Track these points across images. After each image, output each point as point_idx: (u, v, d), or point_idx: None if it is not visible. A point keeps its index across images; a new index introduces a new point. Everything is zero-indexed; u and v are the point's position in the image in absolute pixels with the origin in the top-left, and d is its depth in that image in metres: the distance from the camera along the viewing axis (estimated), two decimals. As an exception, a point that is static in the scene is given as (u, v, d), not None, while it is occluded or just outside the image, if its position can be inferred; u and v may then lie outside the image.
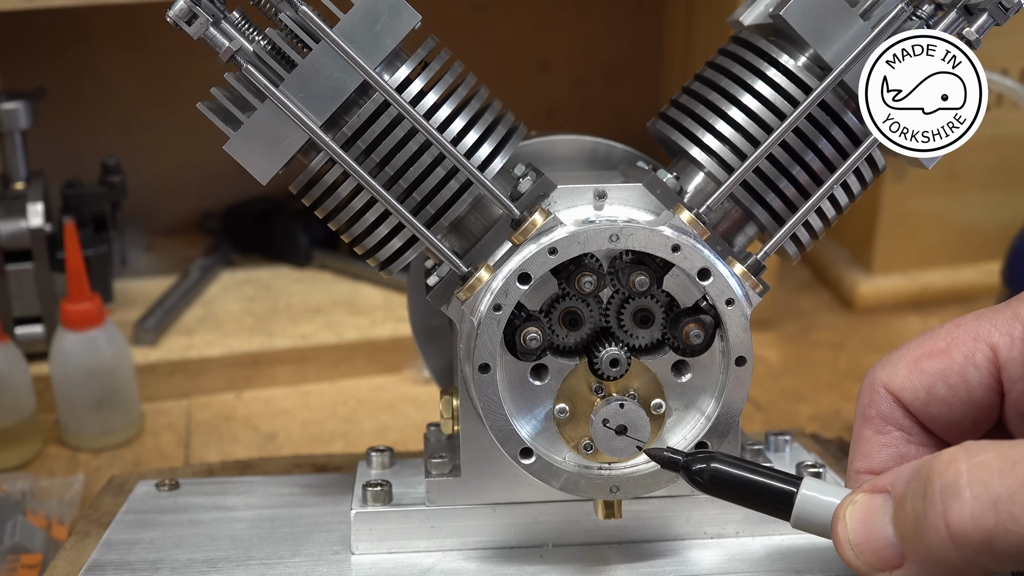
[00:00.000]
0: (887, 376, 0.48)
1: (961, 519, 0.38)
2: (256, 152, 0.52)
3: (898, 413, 0.47)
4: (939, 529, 0.38)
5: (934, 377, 0.46)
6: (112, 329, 0.88)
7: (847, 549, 0.42)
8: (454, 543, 0.58)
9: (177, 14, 0.49)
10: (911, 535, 0.40)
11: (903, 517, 0.40)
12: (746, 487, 0.47)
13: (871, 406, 0.48)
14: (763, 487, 0.46)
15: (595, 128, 0.65)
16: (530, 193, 0.54)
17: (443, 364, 0.66)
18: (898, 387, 0.47)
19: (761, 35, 0.55)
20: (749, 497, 0.47)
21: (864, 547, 0.41)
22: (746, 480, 0.47)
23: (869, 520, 0.42)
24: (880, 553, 0.41)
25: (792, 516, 0.46)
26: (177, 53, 1.19)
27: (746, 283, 0.53)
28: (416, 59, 0.53)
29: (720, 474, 0.47)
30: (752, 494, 0.47)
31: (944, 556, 0.38)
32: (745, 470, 0.47)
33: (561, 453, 0.54)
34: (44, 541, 0.70)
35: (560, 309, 0.54)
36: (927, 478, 0.39)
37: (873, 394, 0.48)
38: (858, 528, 0.42)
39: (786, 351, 1.05)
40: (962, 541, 0.38)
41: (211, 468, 0.72)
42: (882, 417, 0.48)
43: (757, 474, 0.47)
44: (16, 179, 1.01)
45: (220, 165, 0.62)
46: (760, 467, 0.47)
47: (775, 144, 0.53)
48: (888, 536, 0.41)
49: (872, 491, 0.42)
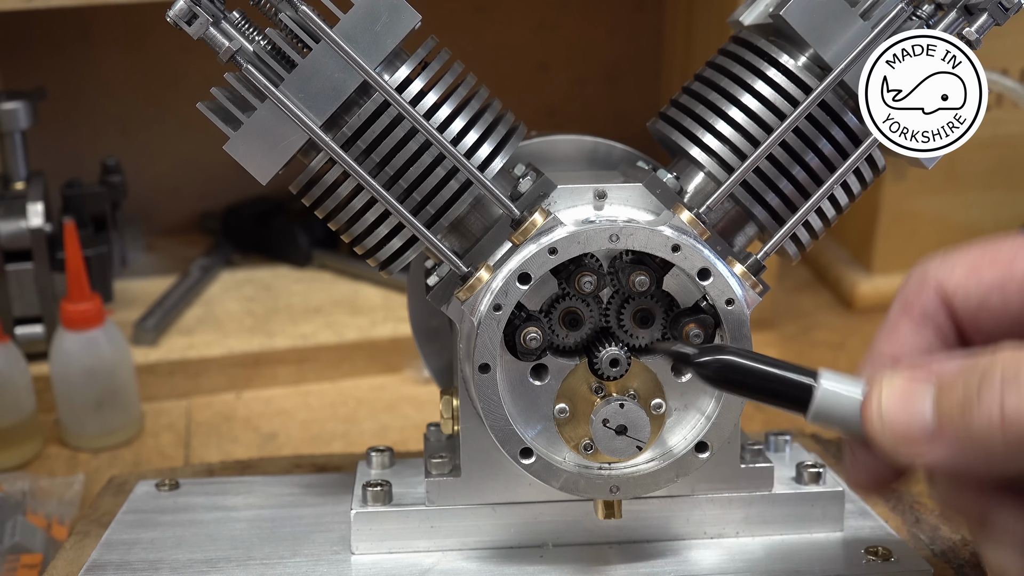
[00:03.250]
0: (943, 275, 0.46)
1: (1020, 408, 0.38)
2: (256, 152, 0.52)
3: (942, 314, 0.46)
4: (992, 413, 0.38)
5: (991, 287, 0.44)
6: (112, 329, 0.88)
7: (875, 419, 0.41)
8: (454, 543, 0.58)
9: (177, 14, 0.49)
10: (956, 417, 0.39)
11: (950, 399, 0.40)
12: (759, 380, 0.44)
13: (917, 300, 0.46)
14: (778, 379, 0.44)
15: (595, 128, 0.65)
16: (530, 193, 0.54)
17: (443, 364, 0.66)
18: (951, 288, 0.46)
19: (761, 35, 0.55)
20: (762, 391, 0.44)
21: (896, 421, 0.41)
22: (760, 372, 0.44)
23: (908, 395, 0.41)
24: (911, 430, 0.40)
25: (811, 410, 0.43)
26: (177, 53, 1.19)
27: (746, 283, 0.53)
28: (416, 59, 0.53)
29: (731, 365, 0.44)
30: (765, 388, 0.44)
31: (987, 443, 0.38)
32: (759, 362, 0.44)
33: (561, 453, 0.54)
34: (44, 541, 0.70)
35: (560, 309, 0.54)
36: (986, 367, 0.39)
37: (923, 288, 0.46)
38: (894, 402, 0.41)
39: (786, 351, 1.05)
40: (1012, 429, 0.38)
41: (211, 468, 0.72)
42: (924, 313, 0.46)
43: (772, 366, 0.44)
44: (16, 179, 1.01)
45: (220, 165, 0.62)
46: (774, 361, 0.45)
47: (775, 144, 0.53)
48: (925, 414, 0.40)
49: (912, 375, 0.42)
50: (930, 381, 0.41)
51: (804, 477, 0.60)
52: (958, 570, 0.58)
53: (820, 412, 0.43)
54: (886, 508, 0.65)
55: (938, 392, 0.40)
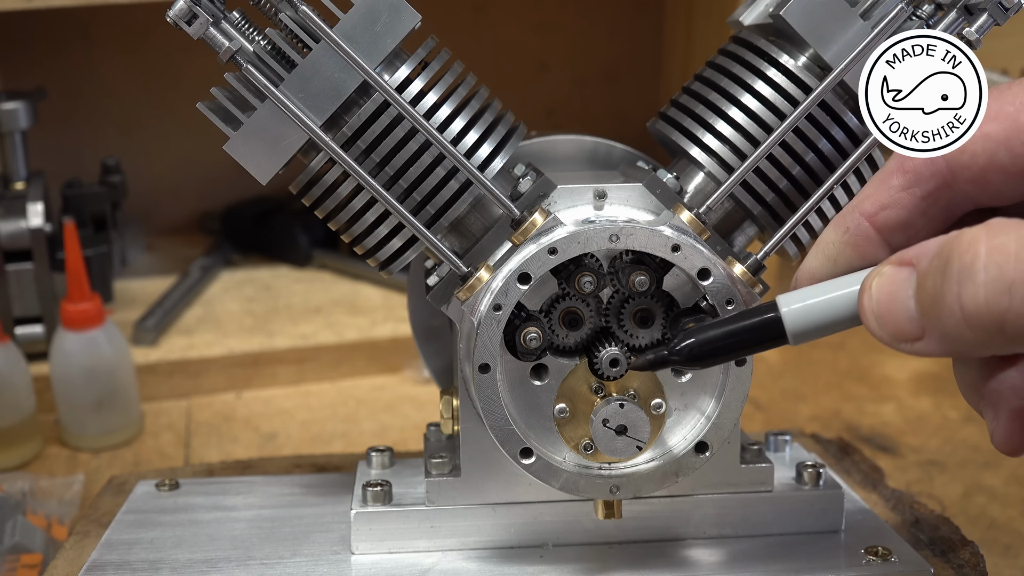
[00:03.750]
0: None
1: (975, 301, 0.37)
2: (256, 152, 0.52)
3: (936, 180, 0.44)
4: (954, 310, 0.38)
5: (997, 143, 0.42)
6: (112, 329, 0.88)
7: (871, 319, 0.42)
8: (454, 543, 0.58)
9: (177, 14, 0.49)
10: (930, 311, 0.39)
11: (924, 293, 0.40)
12: (730, 339, 0.45)
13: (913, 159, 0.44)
14: (745, 330, 0.45)
15: (595, 128, 0.65)
16: (530, 193, 0.54)
17: (443, 364, 0.66)
18: None
19: (761, 35, 0.55)
20: (739, 347, 0.46)
21: (887, 319, 0.41)
22: (726, 333, 0.45)
23: (893, 292, 0.41)
24: (901, 326, 0.41)
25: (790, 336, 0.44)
26: (177, 53, 1.19)
27: (746, 283, 0.53)
28: (416, 59, 0.53)
29: (699, 342, 0.46)
30: (740, 343, 0.45)
31: (959, 335, 0.38)
32: (721, 325, 0.46)
33: (561, 453, 0.54)
34: (44, 541, 0.70)
35: (560, 309, 0.54)
36: (947, 257, 0.38)
37: None
38: (883, 299, 0.41)
39: (786, 351, 1.05)
40: (975, 323, 0.37)
41: (211, 468, 0.72)
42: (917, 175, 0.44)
43: (734, 322, 0.46)
44: (16, 179, 1.01)
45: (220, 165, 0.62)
46: (735, 316, 0.46)
47: (775, 144, 0.53)
48: (910, 309, 0.40)
49: (898, 263, 0.41)
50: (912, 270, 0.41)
51: (804, 477, 0.60)
52: (958, 570, 0.58)
53: (798, 332, 0.44)
54: (886, 508, 0.65)
55: (917, 283, 0.40)
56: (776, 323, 0.44)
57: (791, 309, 0.44)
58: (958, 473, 0.83)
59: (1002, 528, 0.75)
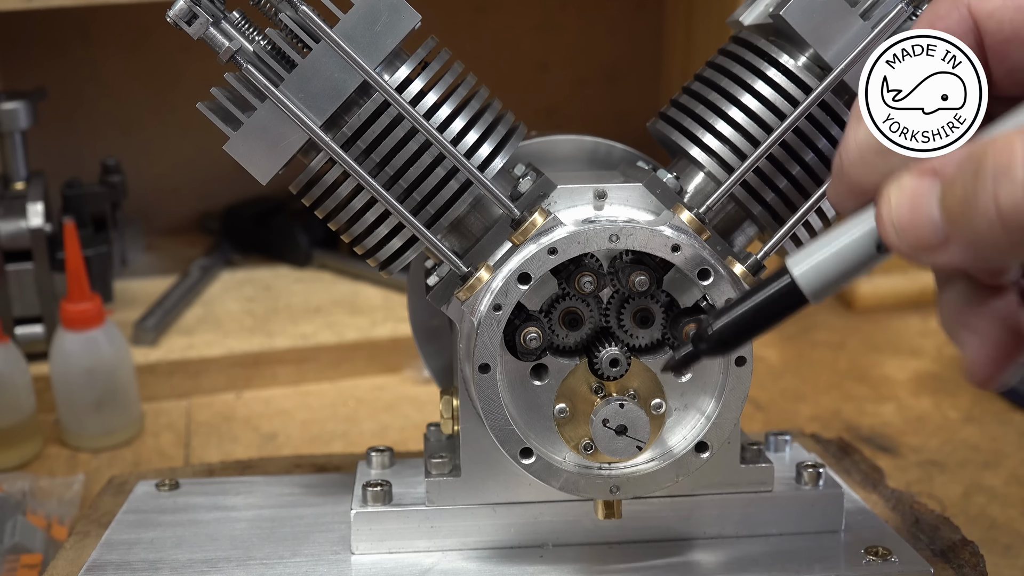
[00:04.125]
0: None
1: (1012, 199, 0.37)
2: (256, 152, 0.52)
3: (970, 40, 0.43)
4: (988, 209, 0.37)
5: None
6: (112, 329, 0.88)
7: (890, 230, 0.41)
8: (454, 543, 0.58)
9: (177, 14, 0.49)
10: (959, 216, 0.39)
11: (952, 198, 0.39)
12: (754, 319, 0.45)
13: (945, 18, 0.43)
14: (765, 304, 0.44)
15: (595, 128, 0.65)
16: (530, 193, 0.54)
17: (443, 364, 0.66)
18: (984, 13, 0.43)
19: (761, 35, 0.55)
20: (764, 323, 0.45)
21: (908, 228, 0.40)
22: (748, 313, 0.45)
23: (915, 201, 0.40)
24: (923, 234, 0.40)
25: (808, 296, 0.44)
26: (177, 53, 1.19)
27: (746, 283, 0.53)
28: (416, 59, 0.53)
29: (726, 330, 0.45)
30: (765, 317, 0.45)
31: (991, 238, 0.38)
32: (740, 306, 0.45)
33: (561, 453, 0.54)
34: (44, 541, 0.70)
35: (560, 309, 0.54)
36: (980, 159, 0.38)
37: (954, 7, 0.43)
38: (903, 209, 0.40)
39: (786, 351, 1.05)
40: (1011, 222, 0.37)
41: (211, 468, 0.72)
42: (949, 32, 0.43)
43: (750, 299, 0.45)
44: (16, 179, 1.01)
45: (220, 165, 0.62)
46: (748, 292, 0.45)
47: (775, 144, 0.53)
48: (933, 217, 0.39)
49: (919, 174, 0.40)
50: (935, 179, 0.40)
51: (804, 477, 0.60)
52: (958, 570, 0.58)
53: (816, 291, 0.44)
54: (886, 508, 0.65)
55: (942, 190, 0.39)
56: (792, 289, 0.44)
57: (803, 272, 0.43)
58: (958, 473, 0.83)
59: (1002, 528, 0.75)
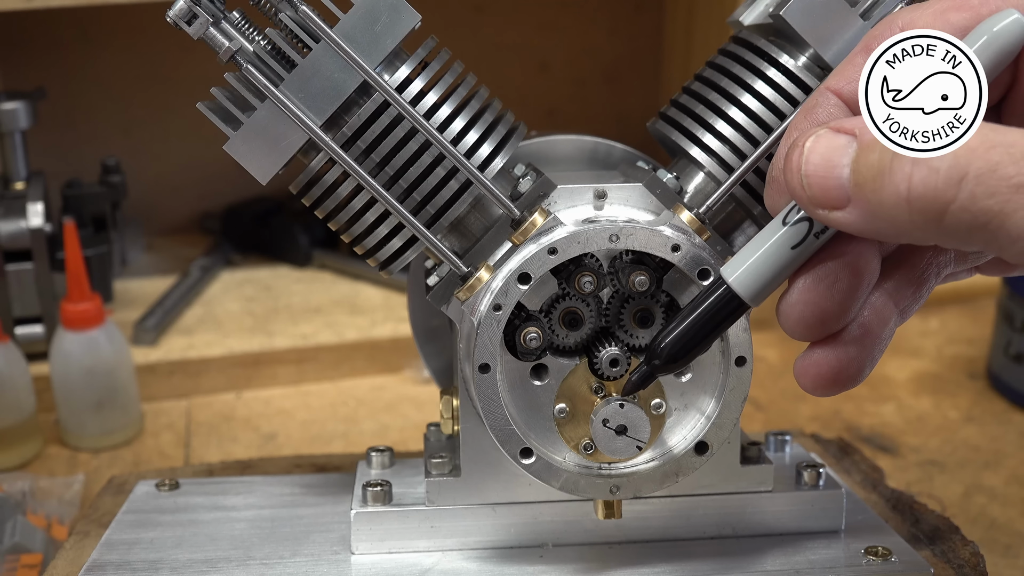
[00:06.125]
0: (909, 19, 0.44)
1: (925, 184, 0.38)
2: (256, 152, 0.52)
3: None
4: (899, 187, 0.38)
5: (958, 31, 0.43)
6: (112, 329, 0.88)
7: (796, 178, 0.41)
8: (454, 543, 0.58)
9: (177, 14, 0.49)
10: (868, 184, 0.39)
11: (866, 164, 0.40)
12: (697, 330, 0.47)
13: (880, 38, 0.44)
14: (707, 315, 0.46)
15: (595, 128, 0.65)
16: (530, 193, 0.54)
17: (443, 364, 0.66)
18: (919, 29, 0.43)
19: (761, 35, 0.55)
20: (711, 331, 0.47)
21: (814, 181, 0.41)
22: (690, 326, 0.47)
23: (828, 155, 0.41)
24: (828, 190, 0.40)
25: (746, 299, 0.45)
26: (177, 53, 1.19)
27: (746, 283, 0.53)
28: (416, 59, 0.53)
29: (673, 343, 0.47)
30: (710, 327, 0.47)
31: (893, 214, 0.39)
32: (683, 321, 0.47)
33: (561, 453, 0.54)
34: (44, 541, 0.70)
35: (560, 309, 0.54)
36: None
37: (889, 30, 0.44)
38: (816, 161, 0.41)
39: (786, 351, 1.05)
40: (917, 205, 0.38)
41: (211, 468, 0.72)
42: None
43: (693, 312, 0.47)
44: (16, 179, 1.02)
45: (220, 165, 0.62)
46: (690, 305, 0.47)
47: (775, 144, 0.53)
48: (842, 177, 0.40)
49: (837, 129, 0.41)
50: (852, 138, 0.40)
51: (804, 477, 0.60)
52: (958, 570, 0.58)
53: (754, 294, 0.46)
54: (886, 508, 0.65)
55: (858, 154, 0.40)
56: (730, 296, 0.46)
57: (736, 277, 0.45)
58: (958, 473, 0.83)
59: (1002, 528, 0.75)
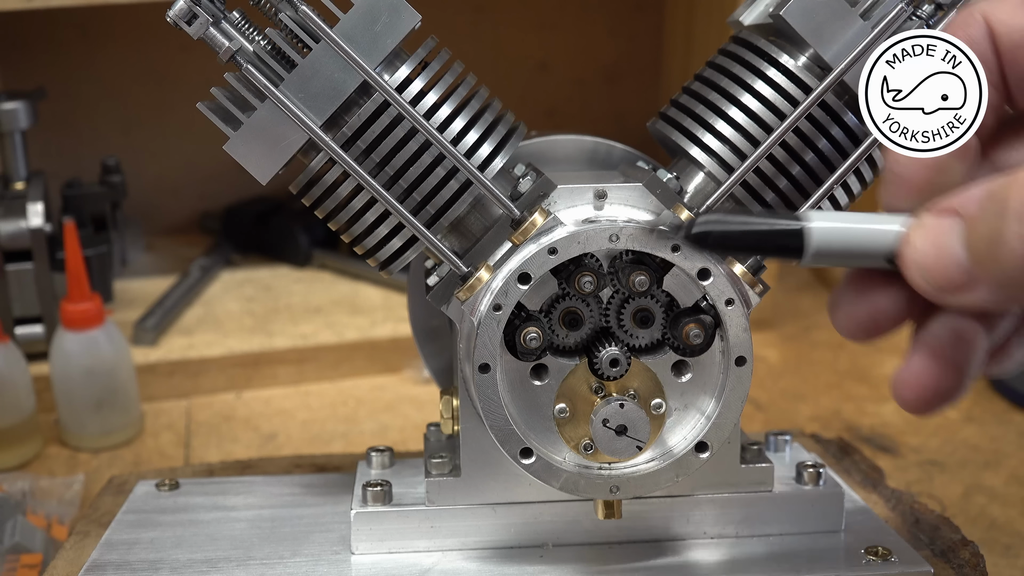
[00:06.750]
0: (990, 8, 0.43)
1: None
2: (256, 152, 0.52)
3: (987, 50, 0.43)
4: (1015, 248, 0.37)
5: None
6: (112, 329, 0.88)
7: (916, 272, 0.41)
8: (454, 543, 0.58)
9: (177, 14, 0.49)
10: (985, 256, 0.38)
11: (976, 238, 0.39)
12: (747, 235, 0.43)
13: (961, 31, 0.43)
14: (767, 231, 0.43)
15: (595, 128, 0.65)
16: (530, 193, 0.54)
17: (443, 364, 0.66)
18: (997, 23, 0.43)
19: (761, 35, 0.55)
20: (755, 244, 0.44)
21: (934, 270, 0.40)
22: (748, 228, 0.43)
23: (939, 242, 0.40)
24: (950, 275, 0.40)
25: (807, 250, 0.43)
26: (177, 53, 1.19)
27: (746, 283, 0.53)
28: (416, 59, 0.53)
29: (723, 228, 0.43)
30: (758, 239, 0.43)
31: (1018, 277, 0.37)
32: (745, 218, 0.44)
33: (561, 453, 0.54)
34: (44, 541, 0.70)
35: (560, 309, 0.54)
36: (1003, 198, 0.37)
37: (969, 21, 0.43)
38: (927, 251, 0.40)
39: (786, 351, 1.05)
40: None
41: (211, 468, 0.72)
42: (969, 42, 0.43)
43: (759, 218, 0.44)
44: (16, 179, 1.01)
45: (220, 165, 0.62)
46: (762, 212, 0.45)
47: (775, 144, 0.53)
48: (959, 258, 0.39)
49: (939, 214, 0.40)
50: (956, 218, 0.40)
51: (804, 477, 0.60)
52: (958, 570, 0.58)
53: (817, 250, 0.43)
54: (886, 508, 0.65)
55: (966, 229, 0.39)
56: (796, 235, 0.42)
57: (818, 227, 0.42)
58: (958, 473, 0.83)
59: (1002, 528, 0.75)
